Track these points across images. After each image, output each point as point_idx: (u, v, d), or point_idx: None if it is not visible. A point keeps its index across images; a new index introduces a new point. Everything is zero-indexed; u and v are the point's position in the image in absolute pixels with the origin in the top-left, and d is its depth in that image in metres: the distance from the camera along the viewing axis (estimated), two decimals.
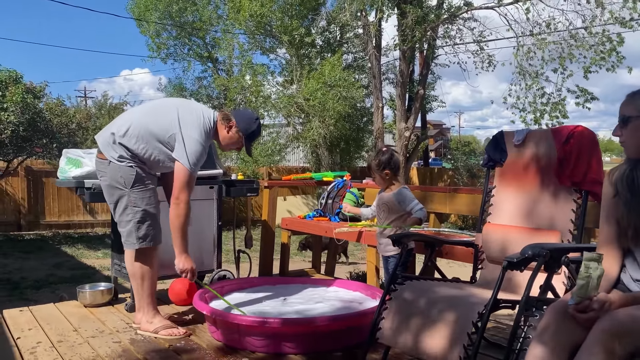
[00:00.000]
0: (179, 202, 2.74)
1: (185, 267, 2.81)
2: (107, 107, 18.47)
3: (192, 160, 2.74)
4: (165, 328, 2.85)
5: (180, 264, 2.80)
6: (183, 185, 2.74)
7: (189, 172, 2.74)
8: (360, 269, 6.49)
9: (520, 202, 2.47)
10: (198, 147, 2.76)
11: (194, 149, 2.75)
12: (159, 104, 3.13)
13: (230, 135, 2.91)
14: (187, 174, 2.74)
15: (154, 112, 2.91)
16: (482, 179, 13.63)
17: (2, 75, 8.91)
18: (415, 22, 10.36)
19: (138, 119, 2.85)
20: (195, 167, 2.76)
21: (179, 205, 2.74)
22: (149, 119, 2.84)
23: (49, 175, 11.41)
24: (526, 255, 1.81)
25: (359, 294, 3.23)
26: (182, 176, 2.74)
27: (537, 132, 2.51)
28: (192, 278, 2.86)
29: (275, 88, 13.70)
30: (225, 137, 2.92)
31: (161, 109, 2.94)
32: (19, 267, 7.29)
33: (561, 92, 9.97)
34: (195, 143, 2.75)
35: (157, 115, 2.86)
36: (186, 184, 2.75)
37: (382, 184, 3.00)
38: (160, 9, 13.81)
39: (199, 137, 2.77)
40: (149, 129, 2.79)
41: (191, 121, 2.80)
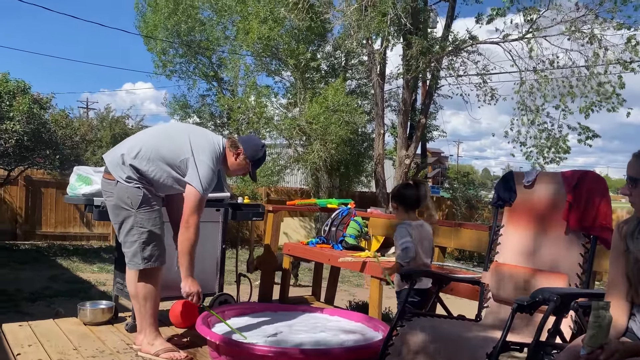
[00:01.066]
0: (188, 225, 2.77)
1: (191, 291, 2.82)
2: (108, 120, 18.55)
3: (204, 184, 2.78)
4: (167, 351, 2.85)
5: (187, 287, 2.81)
6: (193, 209, 2.77)
7: (200, 196, 2.78)
8: (358, 297, 6.45)
9: (528, 242, 2.50)
10: (209, 171, 2.81)
11: (206, 174, 2.79)
12: (171, 128, 3.18)
13: (239, 162, 2.97)
14: (198, 197, 2.77)
15: (165, 136, 2.96)
16: (480, 210, 13.68)
17: (11, 86, 8.97)
18: (420, 52, 10.53)
19: (149, 142, 2.89)
20: (206, 192, 2.81)
21: (189, 229, 2.77)
22: (160, 143, 2.88)
23: (48, 186, 11.40)
24: (537, 299, 1.83)
25: (360, 324, 3.22)
26: (193, 200, 2.77)
27: (547, 175, 2.56)
28: (197, 301, 2.86)
29: (278, 110, 13.83)
30: (234, 164, 2.98)
31: (173, 133, 2.99)
32: (14, 278, 7.23)
33: (562, 129, 10.11)
34: (207, 168, 2.80)
35: (169, 139, 2.91)
36: (197, 208, 2.78)
37: (395, 215, 3.02)
38: (169, 27, 13.99)
39: (210, 162, 2.82)
40: (160, 153, 2.84)
41: (203, 146, 2.85)
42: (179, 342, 3.10)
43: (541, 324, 1.83)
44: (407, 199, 2.89)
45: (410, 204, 2.89)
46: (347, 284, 8.59)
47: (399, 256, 2.79)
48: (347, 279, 8.98)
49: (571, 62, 9.61)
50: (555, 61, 9.80)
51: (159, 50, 14.76)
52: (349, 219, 4.29)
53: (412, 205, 2.89)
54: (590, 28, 9.25)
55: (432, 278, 2.58)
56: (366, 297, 5.74)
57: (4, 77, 9.20)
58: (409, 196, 2.89)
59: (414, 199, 2.88)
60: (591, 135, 10.06)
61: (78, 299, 4.15)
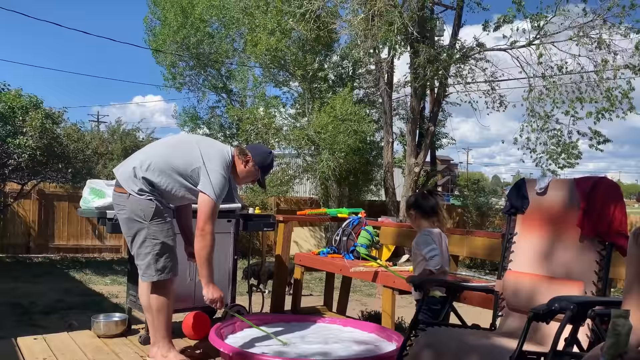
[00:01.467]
0: (204, 233, 2.78)
1: (214, 297, 2.84)
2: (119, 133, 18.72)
3: (217, 191, 2.81)
4: None
5: (209, 294, 2.84)
6: (208, 217, 2.79)
7: (213, 203, 2.79)
8: (370, 307, 6.43)
9: (542, 250, 2.48)
10: (221, 179, 2.84)
11: (218, 181, 2.82)
12: (180, 139, 3.21)
13: (248, 169, 3.00)
14: (212, 205, 2.79)
15: (175, 146, 3.00)
16: (491, 218, 13.59)
17: (24, 101, 9.10)
18: (428, 60, 10.54)
19: (160, 154, 2.92)
20: (219, 199, 2.83)
21: (205, 237, 2.78)
22: (171, 154, 2.91)
23: (60, 199, 11.51)
24: (553, 308, 1.81)
25: (374, 335, 3.21)
26: (207, 207, 2.79)
27: (559, 181, 2.54)
28: (221, 307, 2.88)
29: (287, 120, 13.89)
30: (243, 171, 3.01)
31: (183, 143, 3.03)
32: (28, 292, 7.28)
33: (572, 134, 10.04)
34: (219, 175, 2.83)
35: (179, 149, 2.94)
36: (211, 215, 2.80)
37: (412, 223, 3.02)
38: (178, 40, 14.14)
39: (221, 170, 2.85)
40: (171, 164, 2.86)
41: (213, 155, 2.88)
42: (192, 353, 3.11)
43: (558, 333, 1.81)
44: (425, 208, 2.90)
45: (429, 213, 2.90)
46: (358, 294, 8.56)
47: (430, 264, 2.77)
48: (358, 288, 8.95)
49: (580, 68, 9.57)
50: (563, 67, 9.76)
51: (168, 63, 14.93)
52: (359, 228, 4.29)
53: (430, 214, 2.90)
54: (599, 33, 9.21)
55: (446, 287, 2.56)
56: (378, 306, 5.71)
57: (17, 92, 9.34)
58: (427, 205, 2.90)
59: (432, 207, 2.90)
60: (602, 140, 9.98)
61: (91, 312, 4.17)
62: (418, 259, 2.83)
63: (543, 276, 2.40)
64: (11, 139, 8.76)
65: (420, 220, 2.90)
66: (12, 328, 5.21)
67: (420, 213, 2.90)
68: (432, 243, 2.82)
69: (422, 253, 2.82)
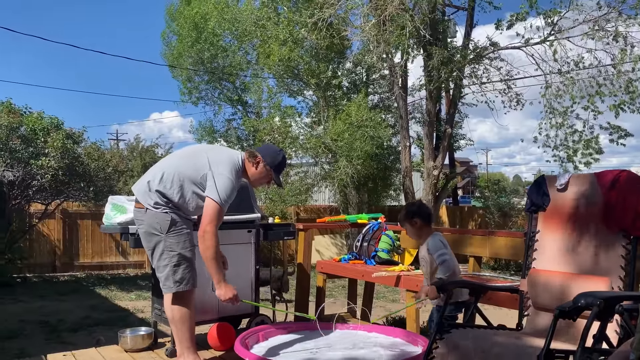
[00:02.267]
0: (205, 234, 2.78)
1: (227, 295, 2.85)
2: (138, 150, 18.99)
3: (222, 195, 2.81)
4: None
5: (222, 293, 2.84)
6: (210, 218, 2.79)
7: (218, 207, 2.80)
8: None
9: (565, 247, 2.44)
10: (228, 183, 2.84)
11: (224, 185, 2.83)
12: (190, 149, 3.24)
13: (259, 170, 3.01)
14: (216, 208, 2.79)
15: (185, 156, 3.06)
16: (514, 218, 13.41)
17: (45, 123, 9.30)
18: (441, 62, 10.49)
19: (170, 165, 2.98)
20: (224, 203, 2.82)
21: (205, 237, 2.78)
22: (181, 164, 2.96)
23: (83, 218, 11.70)
24: (579, 304, 1.78)
25: (399, 340, 3.18)
26: (210, 210, 2.80)
27: (580, 177, 2.50)
28: (236, 303, 2.88)
29: (302, 129, 13.94)
30: (255, 173, 3.02)
31: (192, 153, 3.08)
32: (56, 310, 7.40)
33: (593, 130, 9.87)
34: (225, 179, 2.84)
35: (189, 159, 2.99)
36: (214, 217, 2.79)
37: (413, 233, 3.00)
38: (193, 55, 14.34)
39: (228, 174, 2.86)
40: (182, 173, 2.91)
41: (221, 160, 2.91)
42: None
43: (585, 330, 1.78)
44: (426, 214, 2.95)
45: (429, 219, 2.96)
46: (382, 300, 8.51)
47: (441, 270, 2.75)
48: (382, 294, 8.90)
49: (597, 62, 9.42)
50: (580, 62, 9.62)
51: (184, 78, 15.14)
52: (380, 233, 4.28)
53: (431, 220, 2.96)
54: (614, 26, 9.07)
55: (469, 288, 2.54)
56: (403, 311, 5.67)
57: (39, 115, 9.56)
58: (428, 212, 2.96)
59: (431, 214, 2.98)
60: (623, 134, 9.80)
61: (118, 327, 4.22)
62: (434, 265, 2.81)
63: (568, 273, 2.36)
64: (34, 160, 8.96)
65: (424, 227, 2.94)
66: (41, 346, 5.29)
67: (424, 220, 2.93)
68: (441, 247, 2.84)
69: (434, 257, 2.81)
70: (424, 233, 2.95)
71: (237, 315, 3.76)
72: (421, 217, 2.93)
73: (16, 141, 8.98)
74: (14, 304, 7.80)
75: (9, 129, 8.83)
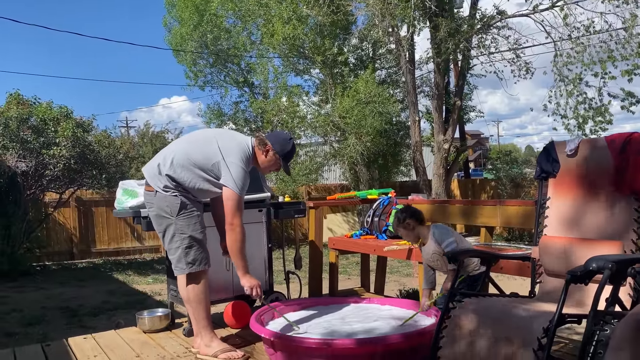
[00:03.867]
0: (233, 227, 2.83)
1: (252, 285, 2.90)
2: (149, 136, 19.09)
3: (239, 184, 2.84)
4: (225, 352, 2.91)
5: (247, 284, 2.90)
6: (235, 210, 2.83)
7: (237, 196, 2.83)
8: (407, 286, 6.43)
9: (576, 213, 2.42)
10: (241, 172, 2.86)
11: (239, 174, 2.85)
12: (200, 134, 3.23)
13: (269, 158, 3.01)
14: (236, 198, 2.83)
15: (195, 142, 3.04)
16: (526, 188, 13.33)
17: (55, 112, 9.37)
18: (448, 34, 10.34)
19: (181, 150, 2.98)
20: (242, 191, 2.86)
21: (235, 230, 2.83)
22: (191, 149, 2.96)
23: (98, 205, 11.85)
24: (590, 268, 1.77)
25: (413, 312, 3.20)
26: (232, 201, 2.83)
27: (589, 141, 2.47)
28: (259, 294, 2.92)
29: (310, 108, 13.88)
30: (264, 161, 3.03)
31: (202, 139, 3.06)
32: (75, 295, 7.55)
33: (603, 97, 9.71)
34: (238, 168, 2.86)
35: (199, 145, 2.98)
36: (237, 209, 2.84)
37: (411, 236, 2.99)
38: (196, 38, 14.25)
39: (241, 163, 2.87)
40: (192, 159, 2.91)
41: (232, 148, 2.91)
42: (235, 342, 3.17)
43: (597, 293, 1.78)
44: (416, 213, 2.96)
45: (421, 217, 2.96)
46: (396, 274, 8.55)
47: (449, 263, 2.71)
48: (395, 269, 8.95)
49: (608, 26, 9.22)
50: (591, 26, 9.42)
51: (189, 62, 15.08)
52: (390, 207, 4.28)
53: (424, 219, 2.97)
54: None
55: (480, 257, 2.54)
56: (416, 285, 5.70)
57: (48, 105, 9.62)
58: (415, 210, 2.97)
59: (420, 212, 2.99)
60: (634, 100, 9.62)
61: (136, 310, 4.30)
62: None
63: (580, 239, 2.35)
64: (46, 150, 9.05)
65: (419, 228, 2.94)
66: (62, 330, 5.42)
67: (417, 221, 2.93)
68: (447, 236, 2.81)
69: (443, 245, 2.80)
70: (422, 232, 2.96)
71: None
72: (412, 217, 2.94)
73: (27, 132, 9.06)
74: (35, 292, 7.97)
75: (19, 120, 8.91)
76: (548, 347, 1.83)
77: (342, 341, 2.58)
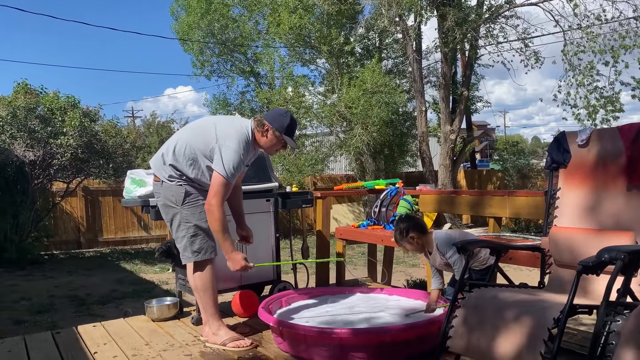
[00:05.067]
0: (211, 207, 2.80)
1: (236, 266, 2.87)
2: (155, 126, 19.10)
3: (228, 168, 2.80)
4: (233, 340, 2.92)
5: (231, 263, 2.88)
6: (216, 192, 2.80)
7: (224, 180, 2.80)
8: (414, 277, 6.43)
9: (587, 203, 2.40)
10: (234, 155, 2.82)
11: (231, 158, 2.81)
12: (201, 122, 3.22)
13: (270, 138, 2.96)
14: (221, 181, 2.80)
15: (196, 129, 3.04)
16: (533, 179, 13.27)
17: (61, 102, 9.38)
18: (456, 23, 10.25)
19: (182, 138, 2.98)
20: (231, 176, 2.81)
21: (211, 209, 2.80)
22: (192, 137, 2.96)
23: (105, 194, 11.91)
24: (603, 259, 1.76)
25: (420, 302, 3.20)
26: (216, 183, 2.81)
27: (602, 131, 2.45)
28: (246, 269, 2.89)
29: (316, 98, 13.84)
30: (267, 142, 2.98)
31: (203, 125, 3.05)
32: (84, 284, 7.61)
33: (614, 86, 9.61)
34: (231, 152, 2.81)
35: (199, 132, 2.97)
36: (219, 190, 2.80)
37: (417, 248, 2.88)
38: (203, 27, 14.21)
39: (235, 147, 2.83)
40: (193, 146, 2.91)
41: (228, 132, 2.88)
42: (243, 330, 3.18)
43: (609, 284, 1.77)
44: (418, 225, 2.86)
45: (423, 227, 2.87)
46: (402, 265, 8.56)
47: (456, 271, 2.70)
48: (401, 260, 8.94)
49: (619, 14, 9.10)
50: (601, 15, 9.31)
51: (196, 51, 15.05)
52: (398, 198, 4.27)
53: (424, 228, 2.87)
54: None
55: (490, 248, 2.53)
56: (422, 275, 5.71)
57: (55, 94, 9.63)
58: (417, 222, 2.87)
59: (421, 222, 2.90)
60: None
61: (144, 299, 4.32)
62: None
63: (590, 229, 2.33)
64: (53, 139, 9.07)
65: (422, 238, 2.85)
66: (71, 318, 5.47)
67: (420, 232, 2.83)
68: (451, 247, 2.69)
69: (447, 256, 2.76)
70: (426, 241, 2.87)
71: (260, 282, 3.82)
72: (415, 229, 2.83)
73: (34, 121, 9.08)
74: (44, 280, 8.04)
75: (27, 109, 8.93)
76: (559, 338, 1.83)
77: (350, 330, 2.59)
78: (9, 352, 3.03)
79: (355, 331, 2.59)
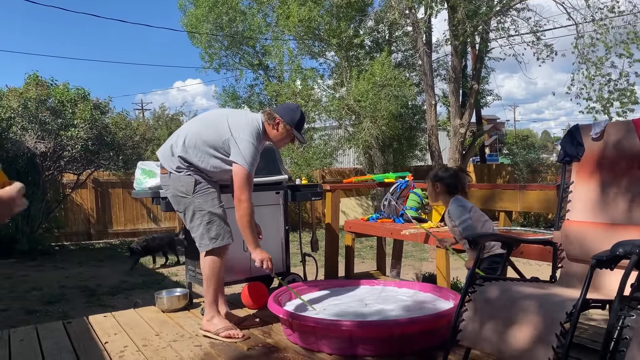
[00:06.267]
0: (240, 202, 2.83)
1: (263, 258, 2.91)
2: (164, 119, 19.17)
3: (248, 160, 2.83)
4: (227, 329, 2.93)
5: (258, 257, 2.91)
6: (243, 185, 2.83)
7: (246, 172, 2.83)
8: (423, 270, 6.42)
9: (601, 197, 2.38)
10: (251, 147, 2.86)
11: (248, 150, 2.84)
12: (210, 114, 3.23)
13: (280, 131, 3.00)
14: (245, 173, 2.83)
15: (206, 121, 3.05)
16: (543, 173, 13.18)
17: (72, 94, 9.43)
18: (467, 16, 10.17)
19: (192, 130, 2.98)
20: (251, 167, 2.85)
21: (241, 205, 2.83)
22: (202, 129, 2.96)
23: (114, 186, 11.98)
24: (617, 253, 1.74)
25: (430, 295, 3.20)
26: (240, 177, 2.83)
27: (616, 124, 2.41)
28: (270, 267, 2.93)
29: (325, 91, 13.80)
30: (276, 135, 3.01)
31: (212, 118, 3.06)
32: (94, 275, 7.67)
33: (629, 78, 9.49)
34: (248, 144, 2.85)
35: (209, 124, 2.98)
36: (246, 183, 2.84)
37: (432, 195, 2.96)
38: (211, 20, 14.19)
39: (250, 139, 2.86)
40: (203, 138, 2.92)
41: (241, 125, 2.91)
42: (253, 322, 3.19)
43: (624, 279, 1.75)
44: (452, 184, 2.88)
45: (453, 188, 2.88)
46: (411, 259, 8.55)
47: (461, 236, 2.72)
48: (410, 253, 8.94)
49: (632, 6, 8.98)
50: (615, 7, 9.18)
51: (204, 44, 15.04)
52: (407, 191, 4.26)
53: (453, 189, 2.88)
54: None
55: (501, 241, 2.51)
56: (432, 269, 5.70)
57: (65, 86, 9.68)
58: (453, 182, 2.87)
59: (456, 184, 2.88)
60: None
61: (154, 290, 4.35)
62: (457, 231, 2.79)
63: (603, 224, 2.31)
64: (64, 131, 9.13)
65: (443, 194, 2.90)
66: (82, 309, 5.52)
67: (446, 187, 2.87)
68: (463, 213, 2.77)
69: (456, 222, 2.78)
70: (442, 199, 2.92)
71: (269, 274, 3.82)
72: (445, 184, 2.88)
73: (45, 113, 9.14)
74: (55, 271, 8.11)
75: (38, 101, 8.99)
76: (571, 332, 1.82)
77: (360, 322, 2.59)
78: (22, 341, 3.06)
79: (366, 323, 2.59)
